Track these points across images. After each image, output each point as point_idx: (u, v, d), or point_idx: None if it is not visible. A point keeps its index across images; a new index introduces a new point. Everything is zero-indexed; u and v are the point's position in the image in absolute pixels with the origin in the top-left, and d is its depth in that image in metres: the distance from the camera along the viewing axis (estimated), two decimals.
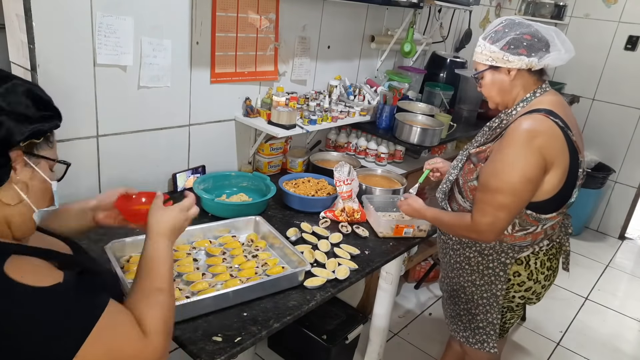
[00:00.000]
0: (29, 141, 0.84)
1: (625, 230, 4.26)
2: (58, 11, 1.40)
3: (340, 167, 1.87)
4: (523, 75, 1.43)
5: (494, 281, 1.56)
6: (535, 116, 1.36)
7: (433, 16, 3.10)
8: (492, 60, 1.42)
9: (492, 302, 1.60)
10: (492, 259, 1.55)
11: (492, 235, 1.43)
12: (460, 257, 1.62)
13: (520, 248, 1.51)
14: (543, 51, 1.38)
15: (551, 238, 1.55)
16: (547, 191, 1.38)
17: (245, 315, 1.27)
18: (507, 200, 1.36)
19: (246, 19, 1.92)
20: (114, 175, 1.71)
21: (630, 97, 3.97)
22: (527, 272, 1.54)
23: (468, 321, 1.68)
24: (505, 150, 1.36)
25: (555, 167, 1.35)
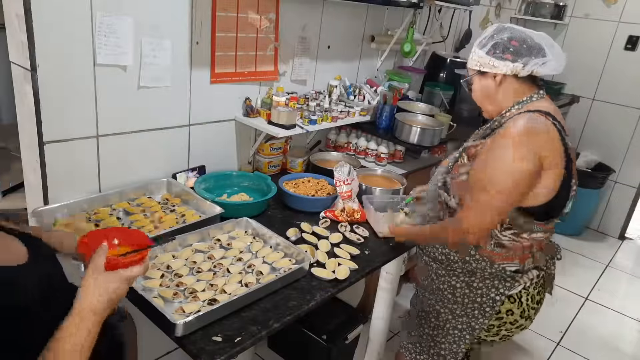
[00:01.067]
0: None
1: (625, 230, 4.26)
2: (58, 11, 1.40)
3: (340, 167, 1.87)
4: (510, 81, 1.39)
5: (477, 316, 1.48)
6: (532, 115, 1.32)
7: (433, 16, 3.10)
8: (479, 65, 1.41)
9: (466, 335, 1.51)
10: (480, 293, 1.46)
11: (478, 236, 1.36)
12: (444, 284, 1.54)
13: (511, 282, 1.44)
14: (528, 57, 1.34)
15: (539, 267, 1.48)
16: (541, 195, 1.32)
17: (245, 315, 1.27)
18: (496, 199, 1.30)
19: (246, 19, 1.92)
20: (114, 175, 1.71)
21: (630, 97, 3.97)
22: (520, 309, 1.47)
23: (428, 346, 1.60)
24: (499, 147, 1.31)
25: (551, 170, 1.30)
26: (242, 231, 1.64)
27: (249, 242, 1.58)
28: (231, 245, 1.54)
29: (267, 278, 1.39)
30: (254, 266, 1.45)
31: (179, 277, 1.36)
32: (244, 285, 1.35)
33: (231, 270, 1.42)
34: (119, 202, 1.68)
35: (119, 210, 1.64)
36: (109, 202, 1.66)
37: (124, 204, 1.68)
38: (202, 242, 1.54)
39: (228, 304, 1.24)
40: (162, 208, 1.69)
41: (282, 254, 1.53)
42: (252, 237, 1.61)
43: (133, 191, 1.73)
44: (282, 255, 1.52)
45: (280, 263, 1.47)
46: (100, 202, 1.64)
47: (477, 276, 1.47)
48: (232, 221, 1.64)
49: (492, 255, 1.42)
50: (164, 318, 1.14)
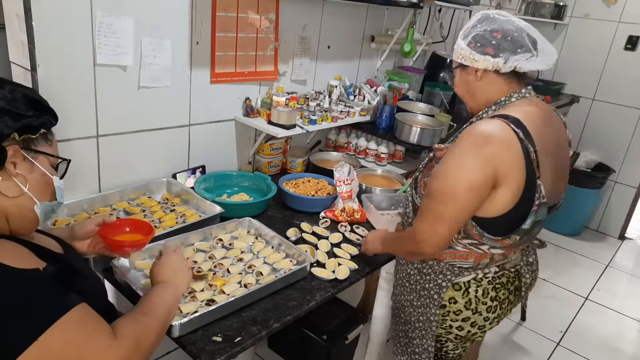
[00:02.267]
0: (25, 136, 0.89)
1: (625, 230, 4.26)
2: (58, 11, 1.40)
3: (340, 167, 1.87)
4: (491, 77, 1.29)
5: (429, 304, 1.41)
6: (494, 121, 1.21)
7: (433, 16, 3.09)
8: (461, 57, 1.30)
9: (427, 327, 1.43)
10: (429, 279, 1.40)
11: (429, 247, 1.26)
12: (402, 272, 1.49)
13: (460, 270, 1.36)
14: (512, 52, 1.24)
15: (502, 266, 1.39)
16: (494, 208, 1.22)
17: (245, 315, 1.27)
18: (448, 209, 1.21)
19: (246, 19, 1.92)
20: (114, 175, 1.71)
21: (630, 97, 3.97)
22: (465, 299, 1.38)
23: (405, 344, 1.54)
24: (452, 153, 1.22)
25: (508, 183, 1.18)
26: (244, 231, 1.64)
27: (251, 242, 1.58)
28: (233, 245, 1.54)
29: (267, 279, 1.39)
30: (254, 267, 1.45)
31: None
32: (244, 286, 1.35)
33: (231, 270, 1.42)
34: (119, 202, 1.68)
35: (119, 210, 1.64)
36: (109, 202, 1.66)
37: (124, 204, 1.68)
38: (204, 242, 1.54)
39: (226, 305, 1.24)
40: (162, 208, 1.69)
41: (283, 254, 1.53)
42: (255, 237, 1.61)
43: (133, 191, 1.74)
44: (284, 255, 1.52)
45: (281, 264, 1.47)
46: (100, 202, 1.64)
47: (427, 263, 1.41)
48: (235, 221, 1.64)
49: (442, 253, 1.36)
50: None
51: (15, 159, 0.88)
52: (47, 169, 0.95)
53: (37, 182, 0.93)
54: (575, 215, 4.00)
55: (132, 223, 1.27)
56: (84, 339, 0.83)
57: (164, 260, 1.16)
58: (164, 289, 1.09)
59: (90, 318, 0.86)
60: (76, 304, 0.84)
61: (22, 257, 0.84)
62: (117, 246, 1.20)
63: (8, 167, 0.88)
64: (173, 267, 1.15)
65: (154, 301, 1.04)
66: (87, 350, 0.82)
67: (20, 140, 0.89)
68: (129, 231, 1.24)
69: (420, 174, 1.41)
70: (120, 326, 0.91)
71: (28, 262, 0.83)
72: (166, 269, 1.14)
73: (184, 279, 1.15)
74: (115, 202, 1.68)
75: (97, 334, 0.85)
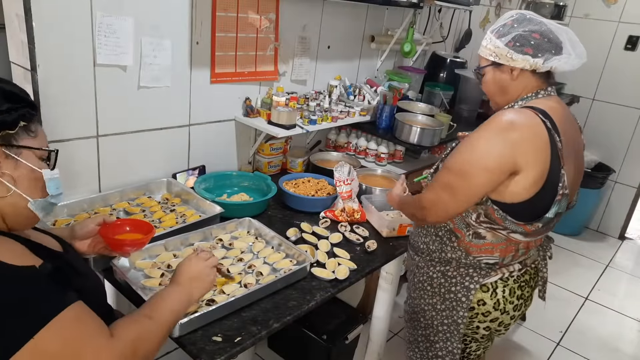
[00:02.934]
0: (3, 132, 0.84)
1: (625, 230, 4.26)
2: (58, 11, 1.40)
3: (340, 167, 1.87)
4: (526, 76, 1.32)
5: (456, 307, 1.41)
6: (522, 110, 1.26)
7: (433, 16, 3.10)
8: (495, 56, 1.31)
9: (453, 330, 1.44)
10: (455, 282, 1.41)
11: (431, 215, 1.32)
12: (423, 276, 1.49)
13: (487, 269, 1.38)
14: (551, 53, 1.27)
15: (524, 262, 1.42)
16: (515, 193, 1.23)
17: (245, 315, 1.27)
18: (454, 181, 1.26)
19: (246, 19, 1.92)
20: (114, 175, 1.71)
21: (630, 97, 3.97)
22: (494, 301, 1.39)
23: (425, 348, 1.54)
24: (476, 133, 1.26)
25: (529, 169, 1.21)
26: (244, 231, 1.64)
27: (251, 243, 1.58)
28: (233, 245, 1.54)
29: (267, 279, 1.39)
30: (254, 267, 1.45)
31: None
32: (243, 286, 1.35)
33: (231, 270, 1.42)
34: (119, 202, 1.68)
35: (119, 210, 1.64)
36: (109, 202, 1.66)
37: (124, 204, 1.68)
38: (205, 242, 1.54)
39: (226, 305, 1.24)
40: (162, 208, 1.69)
41: (283, 254, 1.53)
42: (255, 238, 1.61)
43: (133, 191, 1.73)
44: (284, 256, 1.52)
45: (281, 264, 1.47)
46: (100, 202, 1.64)
47: (452, 265, 1.42)
48: (235, 221, 1.64)
49: (469, 246, 1.38)
50: None
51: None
52: (33, 163, 0.90)
53: (25, 179, 0.89)
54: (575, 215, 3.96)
55: (133, 223, 1.28)
56: (80, 338, 0.81)
57: (193, 263, 1.13)
58: (176, 293, 1.06)
59: (86, 317, 0.85)
60: (72, 302, 0.83)
61: (18, 254, 0.83)
62: (118, 245, 1.20)
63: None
64: (196, 274, 1.11)
65: (163, 305, 1.01)
66: (82, 349, 0.81)
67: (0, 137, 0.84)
68: (129, 230, 1.25)
69: (442, 163, 1.42)
70: (119, 327, 0.90)
71: (24, 259, 0.82)
72: (189, 272, 1.11)
73: (201, 288, 1.12)
74: (115, 202, 1.68)
75: (93, 333, 0.84)
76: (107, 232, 1.19)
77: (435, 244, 1.45)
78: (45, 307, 0.79)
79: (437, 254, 1.45)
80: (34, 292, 0.79)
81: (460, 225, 1.37)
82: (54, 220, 1.50)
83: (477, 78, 1.43)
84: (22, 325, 0.76)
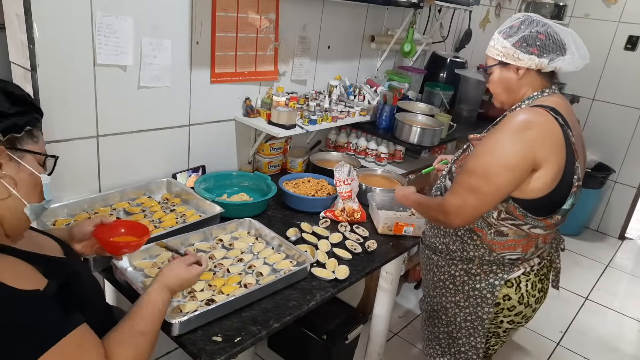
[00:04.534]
0: (10, 135, 0.86)
1: (625, 230, 4.26)
2: (58, 11, 1.40)
3: (340, 167, 1.87)
4: (532, 75, 1.37)
5: (480, 303, 1.46)
6: (534, 109, 1.30)
7: (433, 16, 3.10)
8: (502, 55, 1.37)
9: (477, 326, 1.49)
10: (479, 279, 1.45)
11: (457, 219, 1.34)
12: (444, 274, 1.53)
13: (510, 267, 1.43)
14: (556, 53, 1.33)
15: (541, 255, 1.48)
16: (536, 189, 1.29)
17: (245, 315, 1.27)
18: (478, 183, 1.28)
19: (246, 19, 1.92)
20: (114, 175, 1.71)
21: (630, 97, 3.97)
22: (518, 295, 1.44)
23: (447, 345, 1.58)
24: (494, 135, 1.30)
25: (548, 165, 1.26)
26: (244, 231, 1.64)
27: (251, 243, 1.58)
28: (233, 246, 1.54)
29: (267, 279, 1.39)
30: (254, 267, 1.45)
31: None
32: (243, 286, 1.35)
33: (231, 270, 1.42)
34: (119, 202, 1.68)
35: (119, 210, 1.64)
36: (109, 202, 1.66)
37: (124, 204, 1.68)
38: (205, 242, 1.54)
39: (226, 304, 1.24)
40: (162, 208, 1.69)
41: (283, 255, 1.53)
42: (255, 238, 1.61)
43: (133, 191, 1.73)
44: (284, 256, 1.52)
45: (281, 264, 1.47)
46: (100, 202, 1.64)
47: (474, 263, 1.46)
48: (235, 221, 1.64)
49: (492, 244, 1.41)
50: None
51: (1, 159, 0.86)
52: (34, 168, 0.91)
53: (25, 182, 0.90)
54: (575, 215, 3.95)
55: (128, 224, 1.26)
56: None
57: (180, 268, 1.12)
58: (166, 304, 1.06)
59: (86, 342, 0.85)
60: (75, 327, 0.83)
61: (23, 275, 0.82)
62: (111, 247, 1.19)
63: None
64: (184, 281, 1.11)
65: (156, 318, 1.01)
66: None
67: (5, 141, 0.86)
68: (124, 232, 1.23)
69: (454, 165, 1.48)
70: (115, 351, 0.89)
71: (29, 281, 0.82)
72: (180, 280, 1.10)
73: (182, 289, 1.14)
74: (115, 202, 1.68)
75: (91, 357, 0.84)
76: (102, 234, 1.18)
77: (456, 244, 1.48)
78: (48, 333, 0.79)
79: (458, 253, 1.49)
80: (38, 318, 0.79)
81: (481, 225, 1.41)
82: (54, 220, 1.50)
83: (484, 77, 1.48)
84: (24, 352, 0.76)
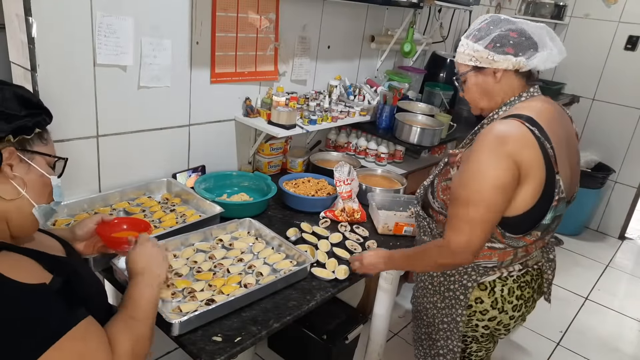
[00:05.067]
0: (20, 137, 0.88)
1: (625, 230, 4.26)
2: (58, 11, 1.40)
3: (340, 167, 1.87)
4: (509, 76, 1.30)
5: (454, 305, 1.42)
6: (508, 121, 1.22)
7: (433, 16, 3.10)
8: (475, 60, 1.30)
9: (453, 328, 1.45)
10: (453, 280, 1.41)
11: (468, 255, 1.25)
12: (424, 275, 1.51)
13: (485, 270, 1.37)
14: (532, 50, 1.26)
15: (525, 263, 1.40)
16: (516, 208, 1.23)
17: (245, 315, 1.27)
18: (480, 213, 1.20)
19: (246, 19, 1.92)
20: (114, 175, 1.71)
21: (630, 97, 3.97)
22: (491, 299, 1.38)
23: (428, 347, 1.56)
24: (473, 157, 1.22)
25: (529, 179, 1.20)
26: (244, 232, 1.64)
27: (251, 243, 1.58)
28: (233, 246, 1.54)
29: (267, 279, 1.39)
30: (254, 267, 1.45)
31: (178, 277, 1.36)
32: (243, 286, 1.35)
33: (231, 270, 1.42)
34: (119, 202, 1.68)
35: (119, 210, 1.64)
36: (109, 202, 1.66)
37: (124, 204, 1.68)
38: (205, 242, 1.54)
39: (226, 304, 1.24)
40: (162, 208, 1.69)
41: (283, 255, 1.53)
42: (255, 238, 1.61)
43: (133, 191, 1.73)
44: (284, 256, 1.52)
45: (281, 264, 1.47)
46: (100, 202, 1.64)
47: None
48: (235, 221, 1.64)
49: None
50: (160, 317, 1.14)
51: (12, 161, 0.87)
52: (44, 169, 0.93)
53: (34, 183, 0.91)
54: (575, 215, 3.99)
55: (130, 221, 1.28)
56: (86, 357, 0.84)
57: (141, 249, 1.11)
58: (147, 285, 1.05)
59: (92, 333, 0.86)
60: (80, 320, 0.84)
61: (28, 270, 0.83)
62: (115, 243, 1.21)
63: (5, 170, 0.86)
64: (150, 256, 1.11)
65: (142, 302, 1.02)
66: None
67: (16, 142, 0.87)
68: (127, 229, 1.25)
69: (437, 179, 1.42)
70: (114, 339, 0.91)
71: (34, 275, 0.82)
72: (144, 258, 1.10)
73: (161, 267, 1.12)
74: (115, 202, 1.68)
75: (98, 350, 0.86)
76: (105, 231, 1.20)
77: None
78: (54, 327, 0.80)
79: None
80: (43, 312, 0.80)
81: None
82: (54, 220, 1.50)
83: (459, 86, 1.40)
84: (30, 345, 0.77)
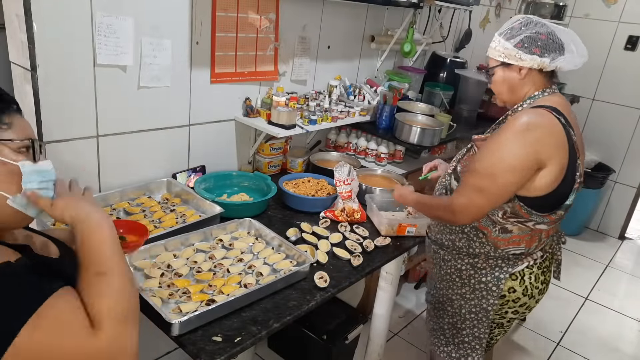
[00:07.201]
0: None
1: (625, 230, 4.26)
2: (58, 11, 1.40)
3: (340, 167, 1.87)
4: (534, 75, 1.43)
5: (486, 296, 1.53)
6: (537, 110, 1.36)
7: (433, 16, 3.09)
8: (504, 56, 1.42)
9: (482, 317, 1.56)
10: (485, 272, 1.52)
11: (464, 218, 1.40)
12: (451, 268, 1.59)
13: (514, 261, 1.49)
14: (556, 53, 1.38)
15: (544, 249, 1.53)
16: (540, 188, 1.35)
17: (245, 315, 1.27)
18: (484, 183, 1.34)
19: (246, 19, 1.92)
20: (114, 175, 1.71)
21: (630, 97, 3.97)
22: (522, 287, 1.51)
23: (452, 335, 1.65)
24: (497, 137, 1.37)
25: (552, 164, 1.32)
26: (244, 232, 1.64)
27: (251, 243, 1.58)
28: (233, 246, 1.54)
29: (267, 279, 1.39)
30: (254, 267, 1.45)
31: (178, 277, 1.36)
32: (243, 286, 1.35)
33: (231, 270, 1.42)
34: (119, 202, 1.68)
35: (119, 210, 1.64)
36: (109, 202, 1.66)
37: (124, 204, 1.68)
38: (205, 242, 1.54)
39: (226, 304, 1.24)
40: (162, 208, 1.69)
41: (283, 255, 1.53)
42: (255, 238, 1.61)
43: (133, 191, 1.73)
44: (284, 256, 1.52)
45: (281, 265, 1.47)
46: (100, 202, 1.64)
47: (480, 258, 1.51)
48: (235, 221, 1.64)
49: (497, 240, 1.47)
50: (160, 317, 1.15)
51: None
52: (7, 157, 0.83)
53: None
54: (575, 215, 3.98)
55: (127, 225, 1.24)
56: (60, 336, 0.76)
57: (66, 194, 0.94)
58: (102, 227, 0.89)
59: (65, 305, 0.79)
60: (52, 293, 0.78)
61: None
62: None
63: None
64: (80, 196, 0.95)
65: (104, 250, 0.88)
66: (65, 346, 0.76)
67: None
68: (122, 232, 1.20)
69: (459, 164, 1.53)
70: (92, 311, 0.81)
71: None
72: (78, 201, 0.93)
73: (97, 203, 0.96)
74: (115, 202, 1.68)
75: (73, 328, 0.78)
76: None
77: (462, 241, 1.53)
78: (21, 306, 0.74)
79: (464, 249, 1.54)
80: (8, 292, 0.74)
81: (486, 224, 1.46)
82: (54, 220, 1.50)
83: (487, 78, 1.53)
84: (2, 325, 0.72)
